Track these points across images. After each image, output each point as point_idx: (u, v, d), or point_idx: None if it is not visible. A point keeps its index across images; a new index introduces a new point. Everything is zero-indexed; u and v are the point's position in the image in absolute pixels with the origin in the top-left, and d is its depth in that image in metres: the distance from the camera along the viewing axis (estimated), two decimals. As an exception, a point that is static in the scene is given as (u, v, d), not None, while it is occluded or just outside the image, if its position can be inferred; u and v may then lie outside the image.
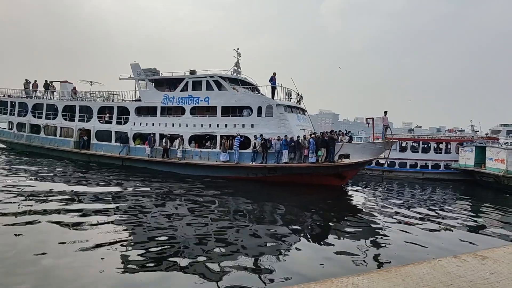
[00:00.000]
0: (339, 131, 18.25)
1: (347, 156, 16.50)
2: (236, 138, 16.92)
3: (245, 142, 17.30)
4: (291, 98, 18.56)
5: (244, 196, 13.58)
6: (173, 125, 18.97)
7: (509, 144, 29.63)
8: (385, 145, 16.44)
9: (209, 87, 18.25)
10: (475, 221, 11.72)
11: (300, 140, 16.23)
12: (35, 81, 25.76)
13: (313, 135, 16.48)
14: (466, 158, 25.00)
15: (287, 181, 16.48)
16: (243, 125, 17.38)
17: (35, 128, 24.12)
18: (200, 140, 18.74)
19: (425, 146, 27.12)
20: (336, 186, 16.99)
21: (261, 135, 16.50)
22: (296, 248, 7.49)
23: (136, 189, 13.36)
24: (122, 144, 19.69)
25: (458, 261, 3.95)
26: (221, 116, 17.84)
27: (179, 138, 17.85)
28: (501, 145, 25.20)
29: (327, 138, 15.99)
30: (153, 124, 19.57)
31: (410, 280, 3.29)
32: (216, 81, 18.14)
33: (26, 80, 25.52)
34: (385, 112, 17.00)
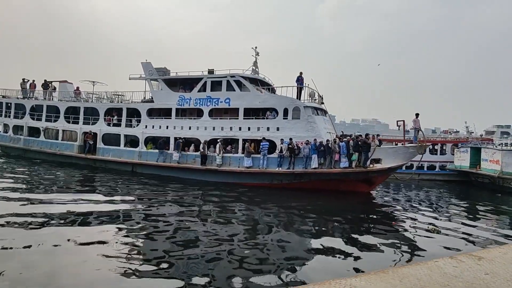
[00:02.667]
0: (366, 134, 17.32)
1: (377, 161, 15.67)
2: (264, 142, 15.81)
3: (269, 146, 16.24)
4: (315, 100, 17.57)
5: (266, 202, 12.87)
6: (189, 128, 17.73)
7: (503, 145, 29.77)
8: (418, 148, 15.66)
9: (229, 88, 17.11)
10: (471, 221, 11.70)
11: (330, 144, 15.28)
12: (33, 81, 24.09)
13: (345, 139, 15.54)
14: (462, 159, 25.16)
15: (313, 187, 15.50)
16: (268, 128, 16.30)
17: (34, 131, 22.48)
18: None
19: None
20: (364, 192, 16.12)
21: (290, 139, 15.46)
22: (305, 251, 7.49)
23: (151, 196, 12.48)
24: (158, 151, 17.80)
25: (454, 262, 3.95)
26: (244, 118, 16.72)
27: (219, 144, 16.47)
28: (496, 146, 25.31)
29: (359, 142, 15.07)
30: (167, 127, 18.27)
31: (407, 281, 3.30)
32: (238, 81, 17.02)
33: (23, 79, 23.82)
34: (417, 114, 16.21)
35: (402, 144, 17.26)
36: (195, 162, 17.15)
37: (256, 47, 19.29)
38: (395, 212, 12.86)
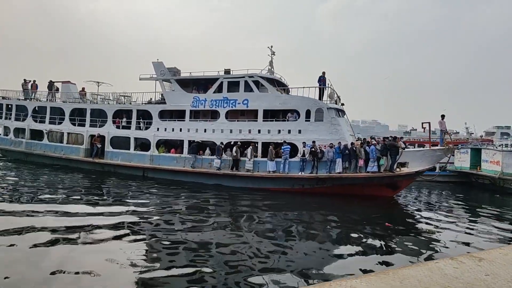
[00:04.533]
0: (395, 137, 16.69)
1: (403, 164, 15.08)
2: (285, 146, 15.10)
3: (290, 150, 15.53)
4: (335, 101, 16.88)
5: (289, 206, 12.49)
6: (205, 131, 16.91)
7: (504, 146, 29.57)
8: (446, 151, 15.12)
9: (247, 88, 16.35)
10: (471, 222, 11.69)
11: (355, 147, 14.62)
12: (34, 81, 23.04)
13: (373, 141, 14.91)
14: (462, 160, 24.94)
15: (335, 192, 14.86)
16: (289, 131, 15.57)
17: (36, 134, 21.48)
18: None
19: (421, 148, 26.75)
20: (388, 197, 15.50)
21: (313, 142, 14.78)
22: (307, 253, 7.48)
23: (166, 203, 11.89)
24: (191, 155, 16.50)
25: (455, 263, 3.93)
26: (263, 120, 15.97)
27: (251, 147, 15.55)
28: (496, 147, 25.10)
29: (387, 145, 14.43)
30: (180, 130, 17.43)
31: (408, 283, 3.28)
32: (256, 82, 16.27)
33: (25, 80, 22.77)
34: (443, 116, 15.68)
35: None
36: (211, 166, 16.37)
37: (271, 46, 18.56)
38: (394, 212, 12.75)
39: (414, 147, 26.25)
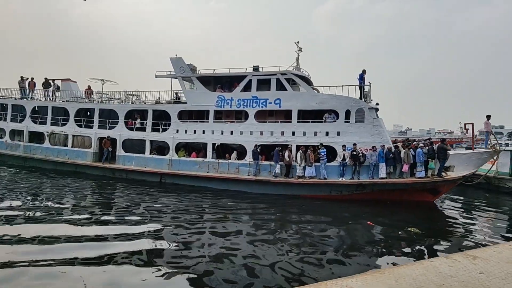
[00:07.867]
0: (443, 139, 15.75)
1: (448, 168, 14.16)
2: (322, 149, 13.91)
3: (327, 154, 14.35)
4: (371, 101, 15.79)
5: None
6: (231, 133, 15.49)
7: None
8: (493, 153, 14.28)
9: (278, 87, 15.05)
10: (466, 221, 11.68)
11: (399, 151, 13.58)
12: (32, 78, 21.04)
13: (421, 144, 13.89)
14: None
15: (374, 198, 13.82)
16: (327, 133, 14.37)
17: (36, 137, 19.55)
18: (267, 151, 15.39)
19: None
20: (428, 202, 14.56)
21: (354, 145, 13.65)
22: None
23: (190, 210, 11.14)
24: (253, 161, 14.64)
25: (449, 261, 3.90)
26: (298, 121, 14.70)
27: (301, 151, 14.09)
28: None
29: (435, 149, 13.45)
30: (203, 132, 15.96)
31: (403, 281, 3.29)
32: (290, 80, 14.98)
33: (22, 77, 20.74)
34: (488, 117, 14.83)
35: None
36: (239, 172, 15.02)
37: (298, 42, 17.28)
38: (390, 212, 12.58)
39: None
